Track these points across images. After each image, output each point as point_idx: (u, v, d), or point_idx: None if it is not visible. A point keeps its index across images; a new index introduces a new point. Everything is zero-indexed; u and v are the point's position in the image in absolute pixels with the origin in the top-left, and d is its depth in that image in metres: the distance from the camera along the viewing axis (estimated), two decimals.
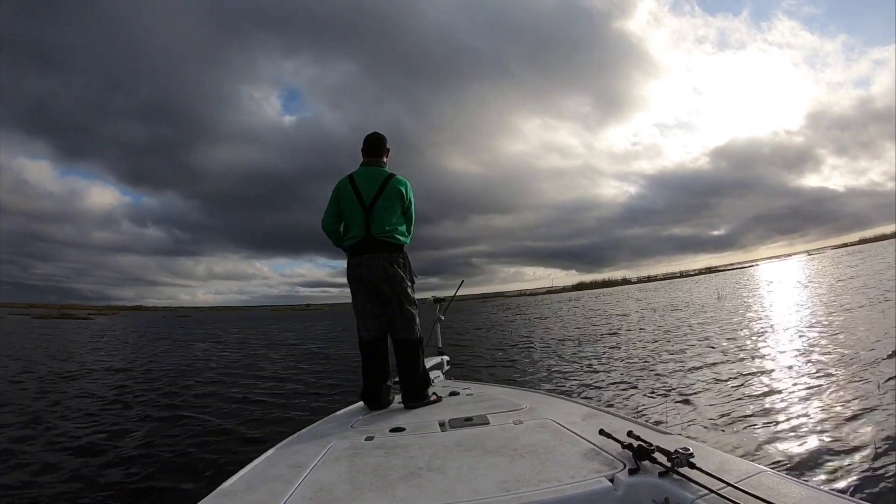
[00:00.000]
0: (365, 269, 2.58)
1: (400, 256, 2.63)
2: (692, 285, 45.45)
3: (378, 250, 2.57)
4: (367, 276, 2.57)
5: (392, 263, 2.57)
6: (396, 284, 2.58)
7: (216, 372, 9.13)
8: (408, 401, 2.50)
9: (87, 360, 11.58)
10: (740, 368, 5.88)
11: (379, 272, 2.56)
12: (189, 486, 3.28)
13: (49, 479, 3.47)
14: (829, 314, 10.01)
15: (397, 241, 2.63)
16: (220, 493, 1.37)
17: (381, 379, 2.60)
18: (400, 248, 2.65)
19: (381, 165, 2.79)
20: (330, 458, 1.63)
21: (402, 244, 2.67)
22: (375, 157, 2.78)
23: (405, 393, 2.52)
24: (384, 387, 2.59)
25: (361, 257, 2.59)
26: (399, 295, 2.59)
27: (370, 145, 2.78)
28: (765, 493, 1.06)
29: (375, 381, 2.58)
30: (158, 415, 5.45)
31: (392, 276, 2.57)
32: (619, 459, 1.37)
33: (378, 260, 2.56)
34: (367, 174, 2.68)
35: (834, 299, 13.02)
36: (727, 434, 3.55)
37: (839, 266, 33.54)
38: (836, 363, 5.47)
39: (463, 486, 1.30)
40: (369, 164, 2.75)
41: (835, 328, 8.09)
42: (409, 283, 2.66)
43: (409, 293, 2.64)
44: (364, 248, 2.59)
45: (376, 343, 2.66)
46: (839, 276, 22.56)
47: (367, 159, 2.77)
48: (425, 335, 2.85)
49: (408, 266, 2.69)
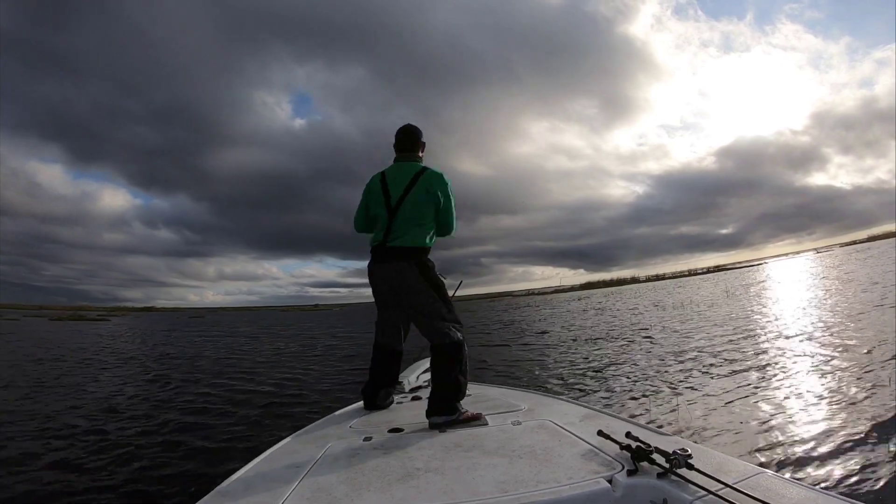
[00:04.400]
0: (377, 279, 2.40)
1: (417, 262, 2.33)
2: (701, 283, 45.09)
3: (392, 259, 2.34)
4: (379, 287, 2.41)
5: (403, 272, 2.31)
6: (412, 296, 2.32)
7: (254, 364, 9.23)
8: (430, 413, 2.10)
9: (143, 358, 11.92)
10: (742, 368, 5.82)
11: (390, 283, 2.36)
12: (193, 481, 3.32)
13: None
14: (840, 312, 9.88)
15: (416, 244, 2.35)
16: (219, 493, 1.37)
17: (379, 383, 2.51)
18: (418, 253, 2.35)
19: (416, 161, 2.51)
20: (328, 458, 1.63)
21: (422, 248, 2.37)
22: (408, 152, 2.51)
23: (430, 404, 2.15)
24: (381, 391, 2.51)
25: (374, 266, 2.40)
26: (418, 306, 2.32)
27: (402, 138, 2.53)
28: (763, 494, 1.06)
29: (374, 382, 2.52)
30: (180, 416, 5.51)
31: (406, 290, 2.32)
32: (617, 460, 1.37)
33: (388, 271, 2.35)
34: (397, 171, 2.45)
35: (843, 297, 12.86)
36: (726, 434, 3.51)
37: (849, 263, 33.12)
38: (847, 362, 5.39)
39: (461, 487, 1.30)
40: (401, 159, 2.51)
41: (846, 326, 7.97)
42: (433, 289, 2.34)
43: (429, 300, 2.32)
44: (378, 256, 2.39)
45: (383, 349, 2.53)
46: (848, 273, 22.29)
47: (399, 154, 2.52)
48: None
49: (426, 271, 2.35)
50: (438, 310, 2.31)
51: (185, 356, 12.59)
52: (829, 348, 6.34)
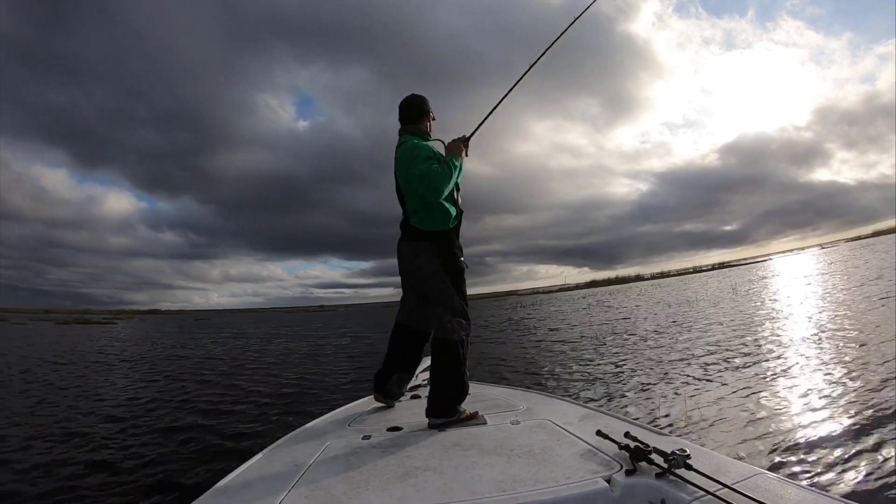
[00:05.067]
0: (399, 256, 2.30)
1: (430, 245, 2.17)
2: (706, 280, 44.81)
3: (406, 238, 2.26)
4: (400, 265, 2.31)
5: (416, 255, 2.19)
6: (421, 280, 2.21)
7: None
8: (429, 412, 2.02)
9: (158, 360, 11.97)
10: (745, 366, 5.79)
11: (404, 264, 2.27)
12: (189, 480, 3.34)
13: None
14: (845, 308, 9.80)
15: (426, 227, 2.19)
16: (217, 490, 1.37)
17: (392, 367, 2.36)
18: (426, 236, 2.19)
19: (415, 133, 2.32)
20: (327, 456, 1.63)
21: (429, 231, 2.19)
22: (406, 124, 2.36)
23: (429, 403, 2.06)
24: (393, 377, 2.35)
25: (398, 243, 2.31)
26: (426, 291, 2.21)
27: (401, 109, 2.37)
28: (761, 494, 1.05)
29: (386, 366, 2.39)
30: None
31: (415, 271, 2.22)
32: (615, 460, 1.36)
33: (403, 249, 2.27)
34: (397, 148, 2.32)
35: (848, 293, 12.75)
36: (726, 435, 3.48)
37: (854, 259, 32.82)
38: (852, 359, 5.34)
39: (459, 486, 1.30)
40: (400, 132, 2.37)
41: (850, 323, 7.91)
42: (448, 275, 2.17)
43: (437, 287, 2.16)
44: (401, 232, 2.30)
45: (402, 328, 2.39)
46: (854, 268, 22.10)
47: (401, 128, 2.38)
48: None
49: (438, 255, 2.17)
50: (450, 300, 2.15)
51: (196, 356, 12.74)
52: (833, 346, 6.30)
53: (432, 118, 2.44)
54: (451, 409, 2.01)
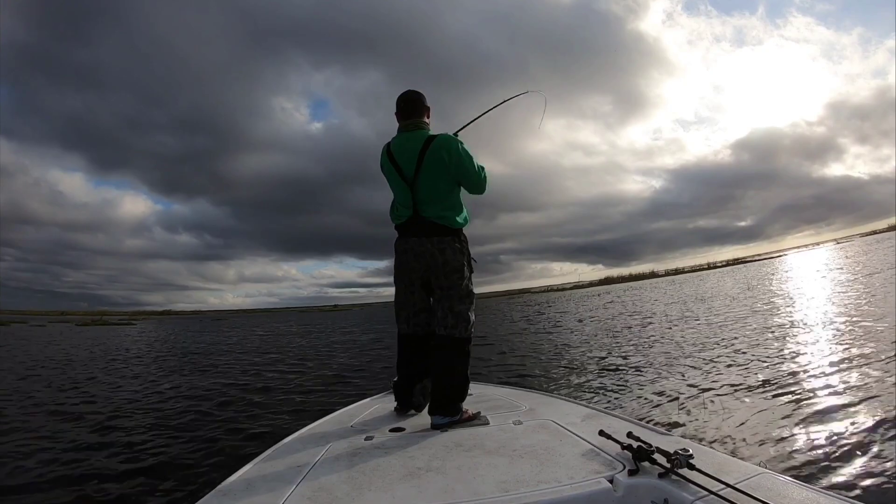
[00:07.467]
0: (412, 255, 2.19)
1: (456, 241, 2.18)
2: (721, 276, 44.05)
3: (428, 234, 2.16)
4: (414, 264, 2.19)
5: (444, 250, 2.14)
6: (448, 275, 2.16)
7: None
8: (432, 410, 2.02)
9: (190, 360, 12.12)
10: (750, 364, 5.66)
11: (427, 259, 2.16)
12: (193, 479, 3.34)
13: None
14: (860, 304, 9.57)
15: (451, 223, 2.18)
16: (219, 492, 1.38)
17: (412, 380, 2.26)
18: (454, 232, 2.19)
19: (422, 127, 2.27)
20: (329, 457, 1.63)
21: (458, 227, 2.21)
22: (411, 119, 2.27)
23: (432, 401, 2.05)
24: (418, 385, 2.25)
25: (409, 241, 2.20)
26: (450, 288, 2.17)
27: (403, 105, 2.28)
28: (764, 494, 1.04)
29: (405, 380, 2.28)
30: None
31: (442, 266, 2.15)
32: (618, 460, 1.36)
33: (426, 245, 2.16)
34: (403, 142, 2.23)
35: (865, 288, 12.46)
36: (729, 434, 3.41)
37: (870, 253, 31.95)
38: (862, 357, 5.17)
39: (462, 487, 1.30)
40: (405, 128, 2.27)
41: (864, 319, 7.69)
42: (467, 273, 2.21)
43: (464, 285, 2.19)
44: (412, 229, 2.19)
45: (409, 338, 2.32)
46: (870, 264, 21.56)
47: (402, 123, 2.28)
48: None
49: (465, 251, 2.22)
50: (470, 296, 2.20)
51: (204, 354, 12.88)
52: (844, 343, 6.11)
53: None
54: (455, 408, 2.02)
